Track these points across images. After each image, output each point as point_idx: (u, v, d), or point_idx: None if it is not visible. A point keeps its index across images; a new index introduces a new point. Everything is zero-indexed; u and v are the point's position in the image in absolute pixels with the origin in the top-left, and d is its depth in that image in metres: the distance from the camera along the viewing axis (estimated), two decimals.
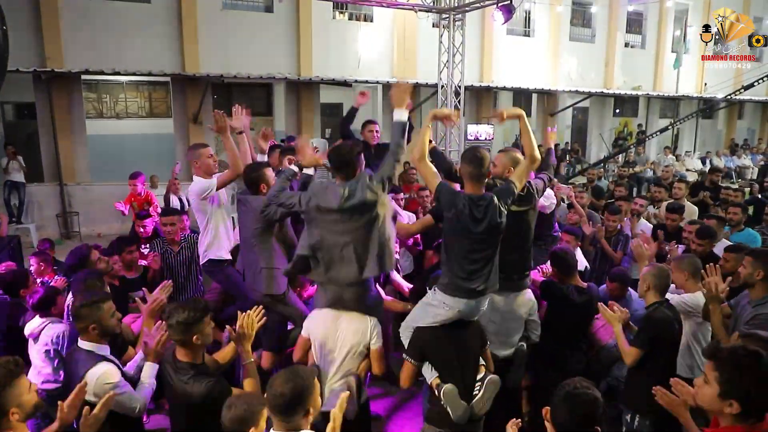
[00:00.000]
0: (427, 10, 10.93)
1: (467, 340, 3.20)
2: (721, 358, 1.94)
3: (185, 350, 2.68)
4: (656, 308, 3.40)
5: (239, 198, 4.00)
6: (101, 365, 2.61)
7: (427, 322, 3.20)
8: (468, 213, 3.01)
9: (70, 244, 10.70)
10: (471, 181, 3.14)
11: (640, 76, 19.69)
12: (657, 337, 3.32)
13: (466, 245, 3.07)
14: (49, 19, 11.24)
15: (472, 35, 12.34)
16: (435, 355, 3.16)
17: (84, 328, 2.70)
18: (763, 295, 3.32)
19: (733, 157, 19.70)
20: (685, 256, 3.99)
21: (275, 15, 13.49)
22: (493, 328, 3.59)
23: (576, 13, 18.56)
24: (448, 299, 3.10)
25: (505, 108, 3.58)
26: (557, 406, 2.14)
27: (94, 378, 2.56)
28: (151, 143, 14.20)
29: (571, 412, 2.09)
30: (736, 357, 1.92)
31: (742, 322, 3.33)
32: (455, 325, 3.16)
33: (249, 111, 4.62)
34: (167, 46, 12.49)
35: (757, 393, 1.87)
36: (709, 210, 7.22)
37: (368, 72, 14.34)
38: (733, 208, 5.87)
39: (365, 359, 3.24)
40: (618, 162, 16.58)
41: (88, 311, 2.69)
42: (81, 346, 2.72)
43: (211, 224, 4.34)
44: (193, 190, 4.27)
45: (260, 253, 3.81)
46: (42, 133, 11.72)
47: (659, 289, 3.44)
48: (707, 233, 4.81)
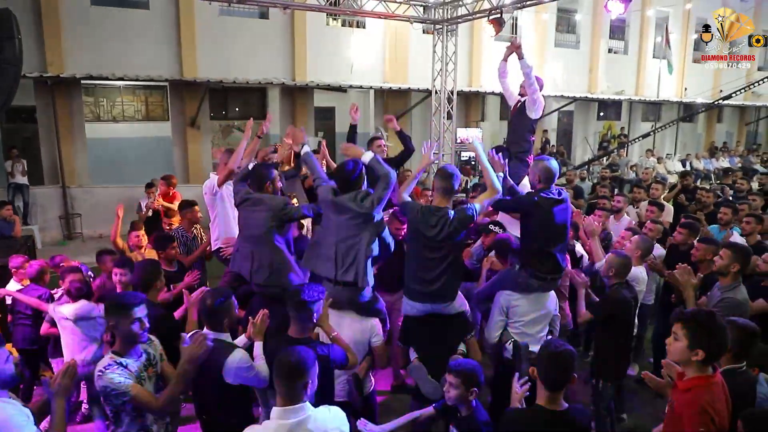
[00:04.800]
0: (422, 21, 11.37)
1: (444, 330, 3.73)
2: (687, 319, 2.44)
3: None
4: (616, 289, 4.09)
5: (247, 196, 4.07)
6: (237, 351, 2.95)
7: (406, 312, 3.86)
8: (421, 220, 3.61)
9: (72, 245, 11.01)
10: (438, 194, 3.74)
11: (623, 81, 20.34)
12: (613, 315, 4.04)
13: (421, 249, 3.66)
14: (50, 25, 11.54)
15: (462, 42, 12.81)
16: (414, 341, 3.75)
17: (219, 322, 3.04)
18: (731, 283, 3.86)
19: (712, 159, 20.36)
20: (644, 239, 4.83)
21: (271, 21, 13.85)
22: (531, 328, 3.98)
23: (561, 20, 19.14)
24: (408, 301, 3.78)
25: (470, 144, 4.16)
26: (542, 365, 2.61)
27: (234, 363, 2.90)
28: (149, 147, 14.47)
29: (554, 367, 2.56)
30: (698, 316, 2.45)
31: (711, 304, 3.87)
32: (427, 318, 3.73)
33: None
34: (166, 51, 12.82)
35: (714, 341, 2.39)
36: (686, 210, 7.72)
37: (361, 77, 14.75)
38: (724, 208, 6.26)
39: (367, 356, 3.65)
40: (602, 164, 17.12)
41: (225, 307, 3.05)
42: (213, 337, 2.96)
43: (220, 217, 5.00)
44: (205, 186, 4.96)
45: (276, 249, 3.97)
46: (43, 136, 11.99)
47: (620, 274, 4.14)
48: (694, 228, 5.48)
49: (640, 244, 4.61)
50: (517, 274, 3.98)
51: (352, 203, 3.59)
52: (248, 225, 4.08)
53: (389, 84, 14.92)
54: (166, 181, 8.11)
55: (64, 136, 11.79)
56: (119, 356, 2.75)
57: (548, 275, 3.91)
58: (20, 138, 12.82)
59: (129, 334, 2.77)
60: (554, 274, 3.96)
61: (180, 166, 13.57)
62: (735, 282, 3.84)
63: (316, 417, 2.35)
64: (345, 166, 3.69)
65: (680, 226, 5.52)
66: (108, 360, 2.72)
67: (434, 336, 3.70)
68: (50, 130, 11.76)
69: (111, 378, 2.63)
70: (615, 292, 4.08)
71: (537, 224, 3.89)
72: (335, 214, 3.68)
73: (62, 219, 11.54)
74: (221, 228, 5.04)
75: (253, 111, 15.10)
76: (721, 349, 2.44)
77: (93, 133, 13.39)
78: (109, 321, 2.83)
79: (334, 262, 3.63)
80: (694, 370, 2.39)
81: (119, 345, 2.79)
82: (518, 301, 3.94)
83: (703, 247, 4.56)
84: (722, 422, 2.29)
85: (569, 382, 2.57)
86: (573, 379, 2.57)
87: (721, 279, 3.93)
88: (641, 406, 4.93)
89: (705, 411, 2.26)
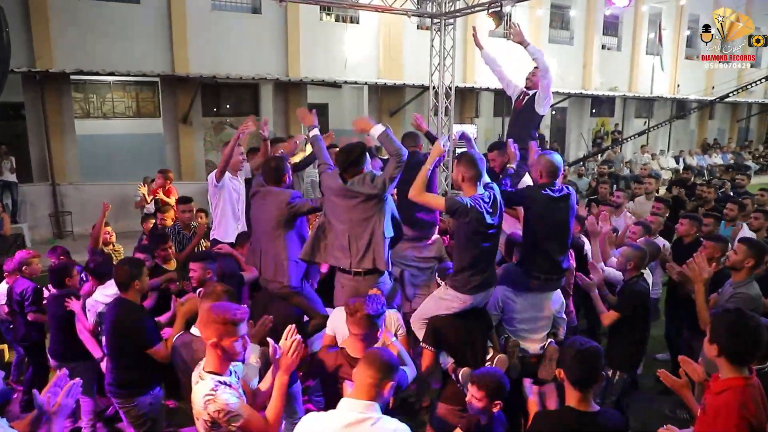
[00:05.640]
0: (420, 14, 11.23)
1: (474, 326, 3.50)
2: (713, 317, 2.44)
3: None
4: (635, 281, 4.02)
5: (258, 190, 4.03)
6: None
7: (440, 313, 3.49)
8: (481, 211, 3.27)
9: (63, 243, 10.80)
10: (468, 184, 3.40)
11: (617, 77, 20.33)
12: (635, 305, 3.95)
13: (480, 241, 3.34)
14: (38, 20, 11.27)
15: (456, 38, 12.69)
16: (448, 342, 3.46)
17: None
18: (744, 279, 3.80)
19: (704, 155, 20.44)
20: (649, 242, 4.80)
21: (264, 16, 13.67)
22: (525, 326, 3.81)
23: (555, 16, 19.09)
24: (460, 296, 3.39)
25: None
26: (569, 364, 2.47)
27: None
28: (140, 143, 14.27)
29: (582, 366, 2.43)
30: (717, 314, 2.44)
31: (723, 300, 3.83)
32: (463, 313, 3.45)
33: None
34: (157, 46, 12.58)
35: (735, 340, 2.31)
36: (684, 205, 7.67)
37: (355, 73, 14.61)
38: (730, 204, 6.24)
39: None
40: (597, 160, 17.12)
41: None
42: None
43: (219, 209, 5.00)
44: (210, 177, 4.98)
45: (283, 244, 3.89)
46: (32, 133, 11.73)
47: (639, 267, 4.08)
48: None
49: (649, 247, 4.51)
50: (514, 271, 3.84)
51: (361, 186, 3.49)
52: (257, 219, 4.07)
53: (384, 80, 14.78)
54: (163, 174, 8.07)
55: (53, 133, 11.55)
56: (217, 375, 2.42)
57: (543, 275, 3.71)
58: (8, 134, 12.57)
59: (232, 352, 2.44)
60: (550, 275, 3.75)
61: (172, 162, 13.36)
62: (748, 278, 3.78)
63: (383, 420, 2.17)
64: (345, 150, 3.62)
65: (682, 217, 5.51)
66: (211, 382, 2.37)
67: (467, 332, 3.47)
68: (39, 127, 11.51)
69: (226, 400, 2.31)
70: (635, 285, 4.02)
71: (537, 221, 3.71)
72: (344, 200, 3.57)
73: (52, 217, 11.32)
74: (218, 220, 5.09)
75: (246, 107, 14.94)
76: (748, 349, 2.32)
77: (83, 129, 13.17)
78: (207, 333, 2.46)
79: (348, 250, 3.51)
80: (727, 370, 2.30)
81: (217, 363, 2.44)
82: (514, 298, 3.78)
83: (711, 245, 4.48)
84: (761, 425, 2.18)
85: (598, 380, 2.46)
86: (600, 377, 2.47)
87: (734, 274, 3.87)
88: (645, 404, 4.85)
89: (740, 414, 2.15)
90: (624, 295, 4.05)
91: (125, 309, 3.49)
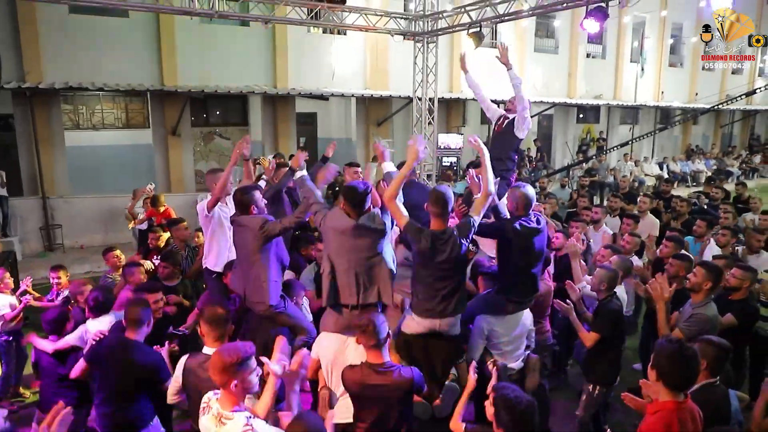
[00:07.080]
0: (403, 34, 11.44)
1: (437, 350, 3.72)
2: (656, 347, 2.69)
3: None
4: (609, 300, 4.22)
5: (234, 219, 4.27)
6: None
7: (405, 329, 3.78)
8: (431, 247, 3.51)
9: (53, 256, 10.90)
10: (435, 218, 3.63)
11: (601, 85, 20.66)
12: (613, 322, 4.16)
13: (432, 273, 3.59)
14: (27, 34, 11.37)
15: (442, 47, 12.90)
16: (407, 357, 3.70)
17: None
18: (702, 300, 4.03)
19: (688, 162, 20.80)
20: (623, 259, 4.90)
21: (252, 29, 13.80)
22: (509, 347, 4.06)
23: (540, 25, 19.38)
24: (416, 317, 3.68)
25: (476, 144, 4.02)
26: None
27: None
28: (130, 155, 14.37)
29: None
30: (661, 343, 2.69)
31: (682, 320, 4.05)
32: (429, 335, 3.69)
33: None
34: (146, 59, 12.71)
35: (667, 366, 2.58)
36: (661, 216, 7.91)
37: (342, 85, 14.80)
38: (700, 221, 6.44)
39: None
40: (582, 168, 17.38)
41: None
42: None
43: (208, 238, 5.13)
44: (198, 207, 5.04)
45: (262, 267, 4.06)
46: (21, 146, 11.81)
47: (612, 287, 4.27)
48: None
49: (620, 264, 4.68)
50: (494, 299, 4.05)
51: (371, 223, 3.65)
52: (238, 246, 4.30)
53: (371, 91, 14.98)
54: (153, 205, 8.04)
55: (43, 145, 11.63)
56: (239, 409, 2.59)
57: (525, 299, 4.04)
58: None
59: (250, 387, 2.64)
60: (529, 297, 4.09)
61: (161, 174, 13.49)
62: (706, 299, 4.00)
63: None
64: (357, 188, 3.71)
65: (666, 239, 5.68)
66: (243, 418, 2.53)
67: (427, 353, 3.69)
68: (29, 139, 11.60)
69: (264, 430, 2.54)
70: (609, 304, 4.21)
71: (516, 252, 3.93)
72: (353, 239, 3.67)
73: (42, 230, 11.41)
74: (217, 250, 5.11)
75: (235, 118, 15.09)
76: (683, 377, 2.58)
77: (72, 140, 13.25)
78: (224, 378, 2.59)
79: (355, 286, 3.66)
80: (664, 394, 2.52)
81: (235, 400, 2.59)
82: (497, 326, 4.02)
83: (677, 263, 4.71)
84: None
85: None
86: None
87: (693, 296, 4.09)
88: (624, 418, 4.93)
89: None
90: (599, 316, 4.24)
91: (138, 350, 3.53)
